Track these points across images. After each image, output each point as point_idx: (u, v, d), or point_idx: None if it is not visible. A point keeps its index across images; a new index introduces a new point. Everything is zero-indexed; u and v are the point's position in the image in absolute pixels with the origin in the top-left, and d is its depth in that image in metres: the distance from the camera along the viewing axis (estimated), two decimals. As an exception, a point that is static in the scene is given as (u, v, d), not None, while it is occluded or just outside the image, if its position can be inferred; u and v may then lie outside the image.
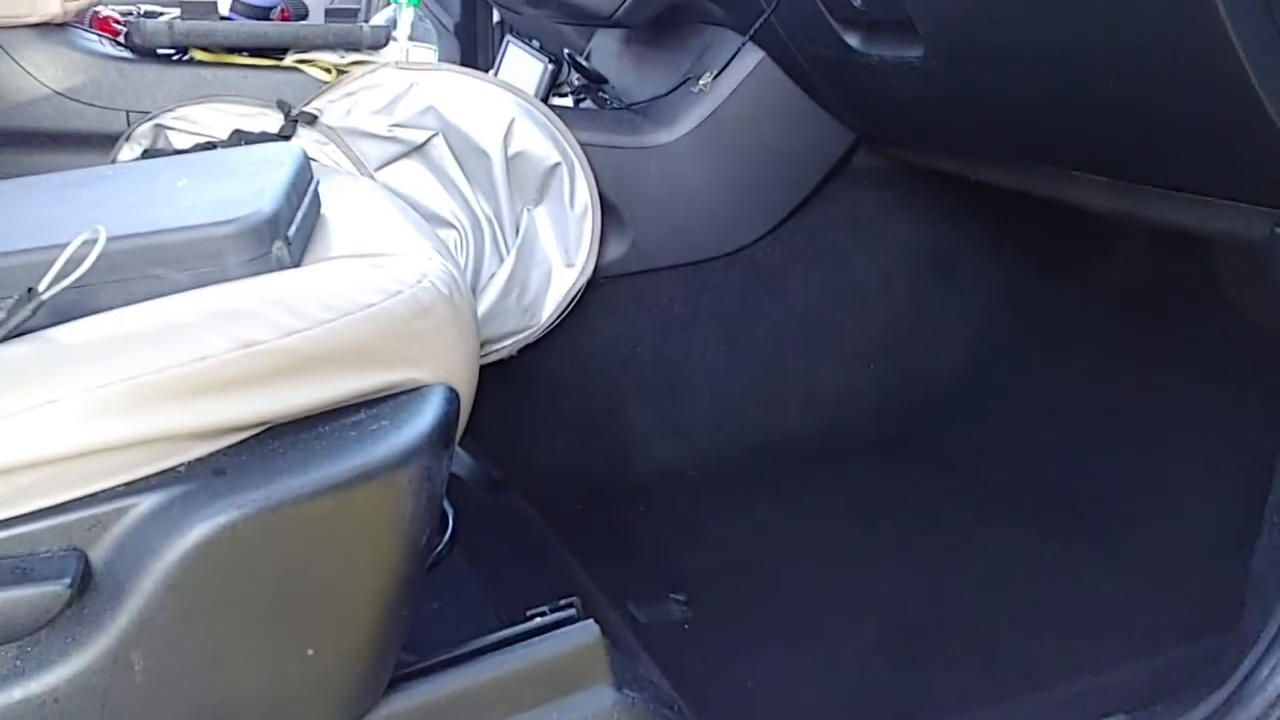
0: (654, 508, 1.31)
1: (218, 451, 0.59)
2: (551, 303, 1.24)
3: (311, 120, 1.16)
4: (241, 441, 0.60)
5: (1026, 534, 1.22)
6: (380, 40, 1.24)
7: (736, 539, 1.25)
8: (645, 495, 1.33)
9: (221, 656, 0.59)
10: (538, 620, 0.81)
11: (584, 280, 1.24)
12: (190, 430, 0.57)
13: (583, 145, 1.23)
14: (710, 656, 1.04)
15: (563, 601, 0.83)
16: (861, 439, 1.41)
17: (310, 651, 0.62)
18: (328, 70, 1.21)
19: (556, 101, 1.41)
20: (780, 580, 1.17)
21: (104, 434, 0.55)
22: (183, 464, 0.58)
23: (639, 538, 1.26)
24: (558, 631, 0.77)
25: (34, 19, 1.14)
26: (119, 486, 0.56)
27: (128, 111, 1.17)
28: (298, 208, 0.70)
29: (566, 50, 1.48)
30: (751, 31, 1.25)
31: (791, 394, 1.43)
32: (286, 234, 0.65)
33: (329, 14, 1.27)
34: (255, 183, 0.68)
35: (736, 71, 1.31)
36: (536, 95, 1.33)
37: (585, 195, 1.23)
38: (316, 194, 0.78)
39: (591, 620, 0.79)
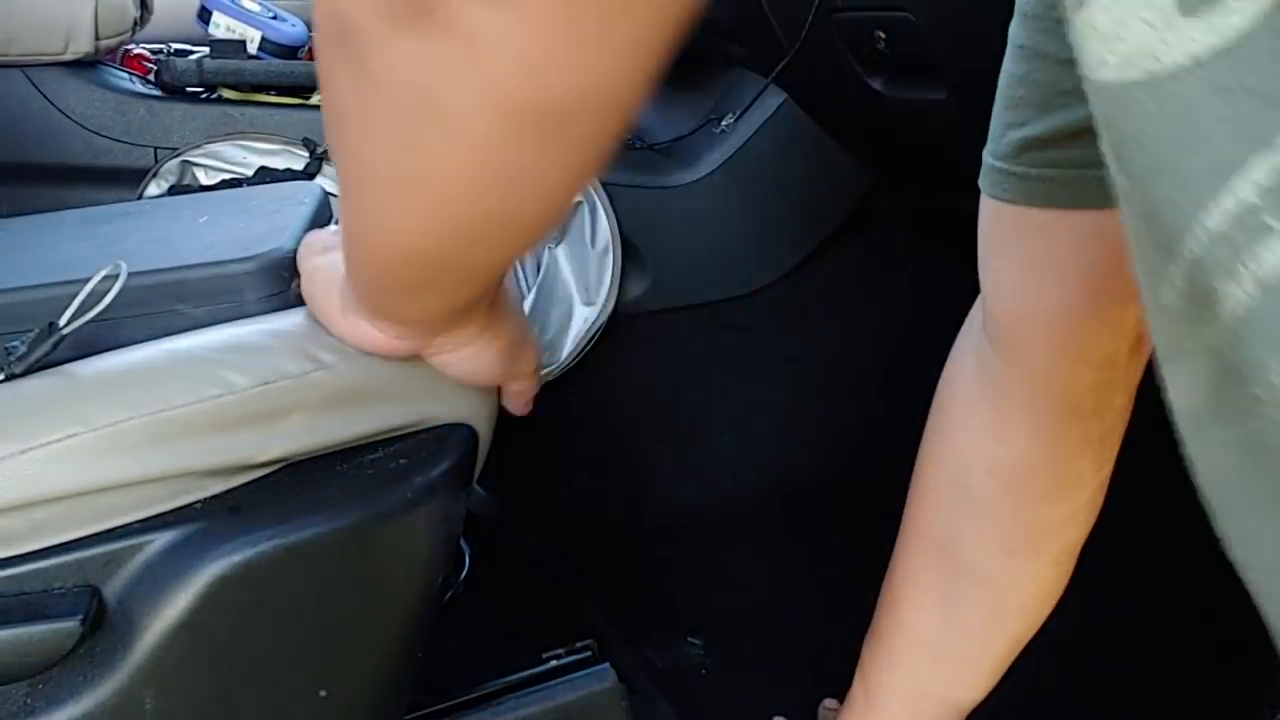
0: (672, 549, 1.30)
1: (234, 488, 0.59)
2: (571, 341, 1.24)
3: (336, 158, 1.16)
4: (258, 479, 0.59)
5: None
6: (405, 79, 1.25)
7: (755, 582, 1.23)
8: (663, 536, 1.32)
9: (233, 697, 0.58)
10: (554, 663, 0.80)
11: (604, 318, 1.24)
12: (209, 467, 0.57)
13: (604, 184, 1.23)
14: (727, 702, 1.03)
15: (579, 644, 0.82)
16: (883, 482, 1.39)
17: (323, 693, 0.61)
18: (353, 109, 1.22)
19: (579, 141, 1.42)
20: (798, 626, 1.16)
21: (122, 470, 0.55)
22: (199, 501, 0.58)
23: (656, 579, 1.25)
24: (574, 675, 0.76)
25: (66, 56, 1.16)
26: (134, 523, 0.56)
27: (155, 148, 1.19)
28: (319, 245, 0.71)
29: (590, 90, 1.49)
30: (774, 73, 1.25)
31: (812, 435, 1.42)
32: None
33: (355, 53, 1.28)
34: (275, 220, 0.68)
35: (759, 112, 1.31)
36: (559, 135, 1.34)
37: (606, 234, 1.23)
38: (338, 231, 0.78)
39: (608, 664, 0.78)
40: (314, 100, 1.23)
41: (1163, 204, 0.25)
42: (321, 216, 0.74)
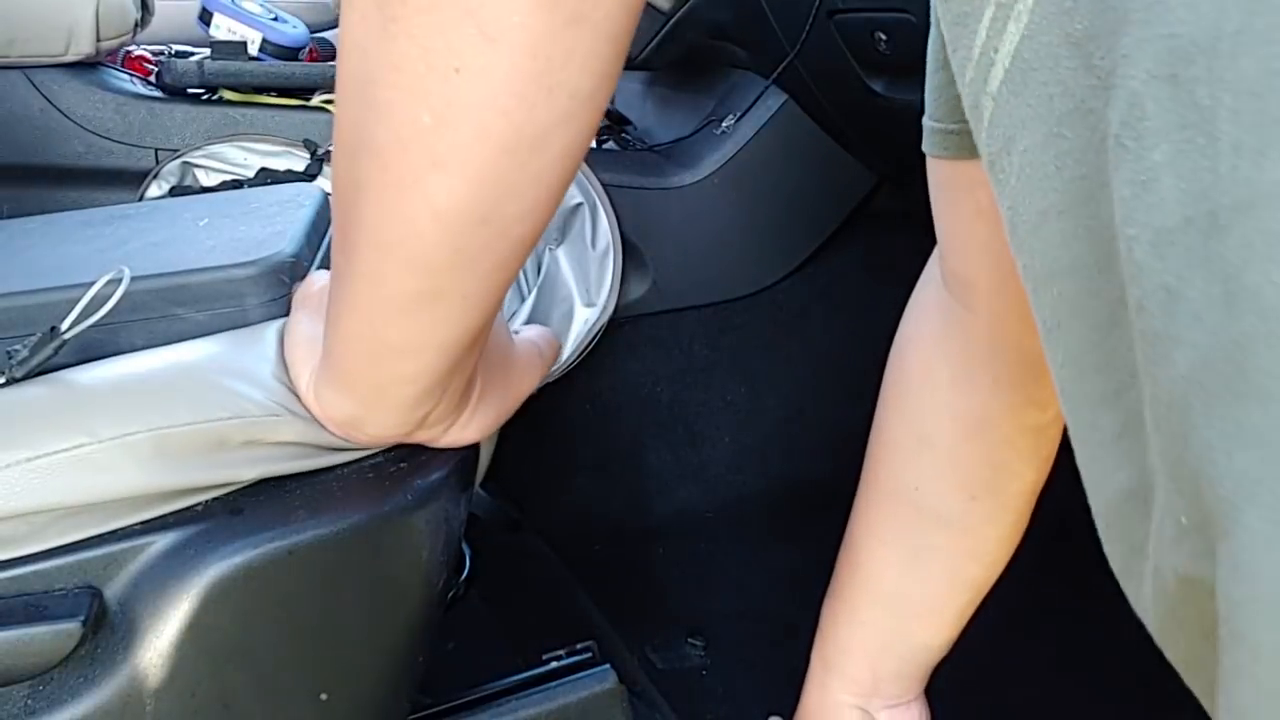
0: (672, 550, 1.30)
1: (235, 490, 0.59)
2: (572, 342, 1.24)
3: (337, 159, 1.17)
4: (260, 481, 0.59)
5: (1047, 579, 1.20)
6: (406, 81, 1.25)
7: (755, 584, 1.23)
8: (664, 537, 1.32)
9: (233, 698, 0.58)
10: (554, 664, 0.80)
11: (604, 320, 1.24)
12: (213, 481, 0.57)
13: (605, 186, 1.23)
14: (728, 704, 1.03)
15: (580, 645, 0.82)
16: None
17: (324, 695, 0.61)
18: (354, 110, 1.22)
19: (580, 142, 1.42)
20: (799, 628, 1.15)
21: (127, 482, 0.55)
22: (200, 503, 0.58)
23: (657, 581, 1.25)
24: (575, 676, 0.76)
25: (67, 58, 1.16)
26: (136, 525, 0.56)
27: (156, 149, 1.19)
28: (318, 248, 0.71)
29: (590, 92, 1.49)
30: (775, 75, 1.25)
31: (812, 437, 1.42)
32: (307, 275, 0.65)
33: (356, 55, 1.28)
34: (276, 223, 0.68)
35: (759, 114, 1.31)
36: (560, 136, 1.34)
37: (607, 235, 1.23)
38: (339, 234, 0.78)
39: (608, 665, 0.78)
40: (315, 102, 1.23)
41: None
42: (322, 219, 0.74)
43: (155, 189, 1.17)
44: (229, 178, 1.16)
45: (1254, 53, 0.23)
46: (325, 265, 0.71)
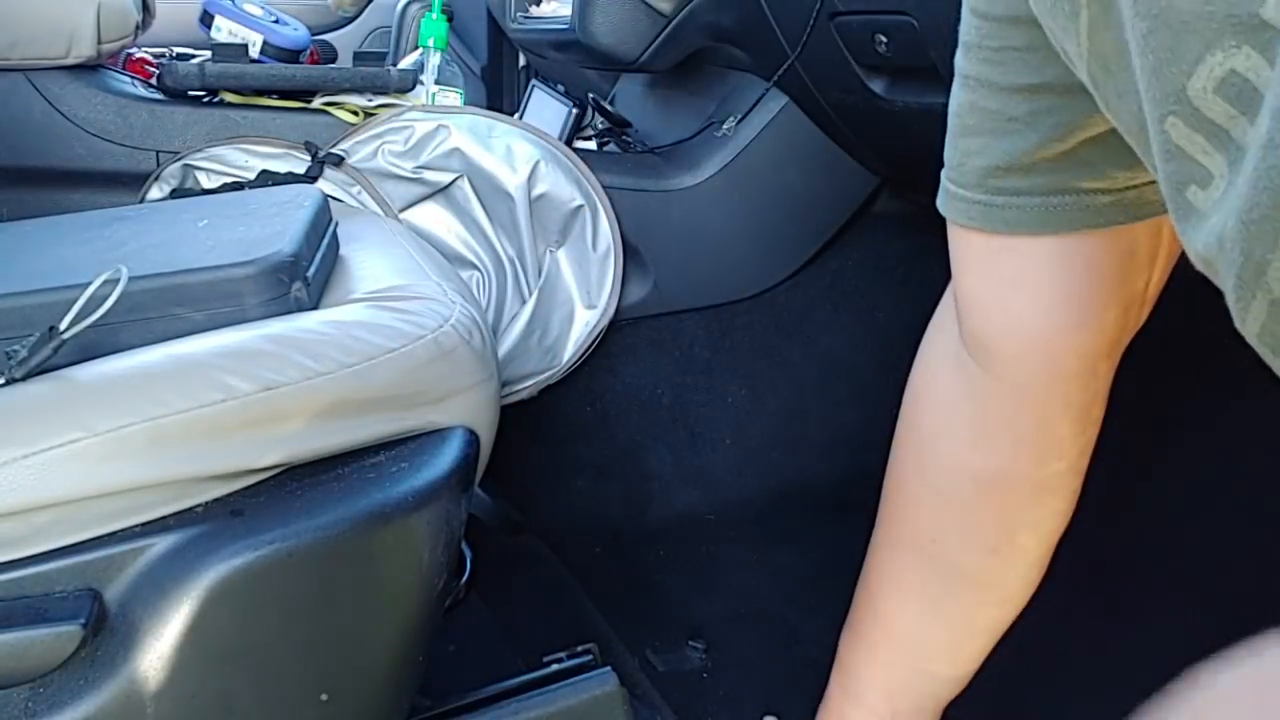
0: (673, 552, 1.30)
1: (235, 492, 0.59)
2: (573, 344, 1.24)
3: (338, 161, 1.17)
4: (259, 482, 0.59)
5: (1048, 583, 1.20)
6: (407, 84, 1.25)
7: (756, 586, 1.23)
8: (664, 539, 1.32)
9: (234, 700, 0.58)
10: (555, 666, 0.80)
11: (605, 322, 1.24)
12: (210, 472, 0.57)
13: (606, 188, 1.23)
14: (729, 706, 1.03)
15: (580, 648, 0.82)
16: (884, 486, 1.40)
17: (324, 696, 0.61)
18: (355, 113, 1.22)
19: (580, 145, 1.42)
20: (800, 630, 1.15)
21: (124, 474, 0.55)
22: (200, 504, 0.58)
23: (658, 583, 1.25)
24: (576, 679, 0.76)
25: (69, 60, 1.16)
26: (136, 526, 0.56)
27: (158, 151, 1.19)
28: (317, 249, 0.71)
29: (591, 94, 1.49)
30: (775, 77, 1.25)
31: (813, 439, 1.42)
32: (306, 275, 0.65)
33: (357, 57, 1.28)
34: (275, 224, 0.69)
35: (760, 116, 1.31)
36: (560, 138, 1.34)
37: (607, 237, 1.23)
38: (335, 235, 0.78)
39: (609, 668, 0.78)
40: (316, 104, 1.23)
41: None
42: (321, 221, 0.74)
43: (156, 191, 1.17)
44: (230, 180, 1.16)
45: None
46: (323, 265, 0.71)
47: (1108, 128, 0.46)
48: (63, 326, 0.56)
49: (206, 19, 1.34)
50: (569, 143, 1.35)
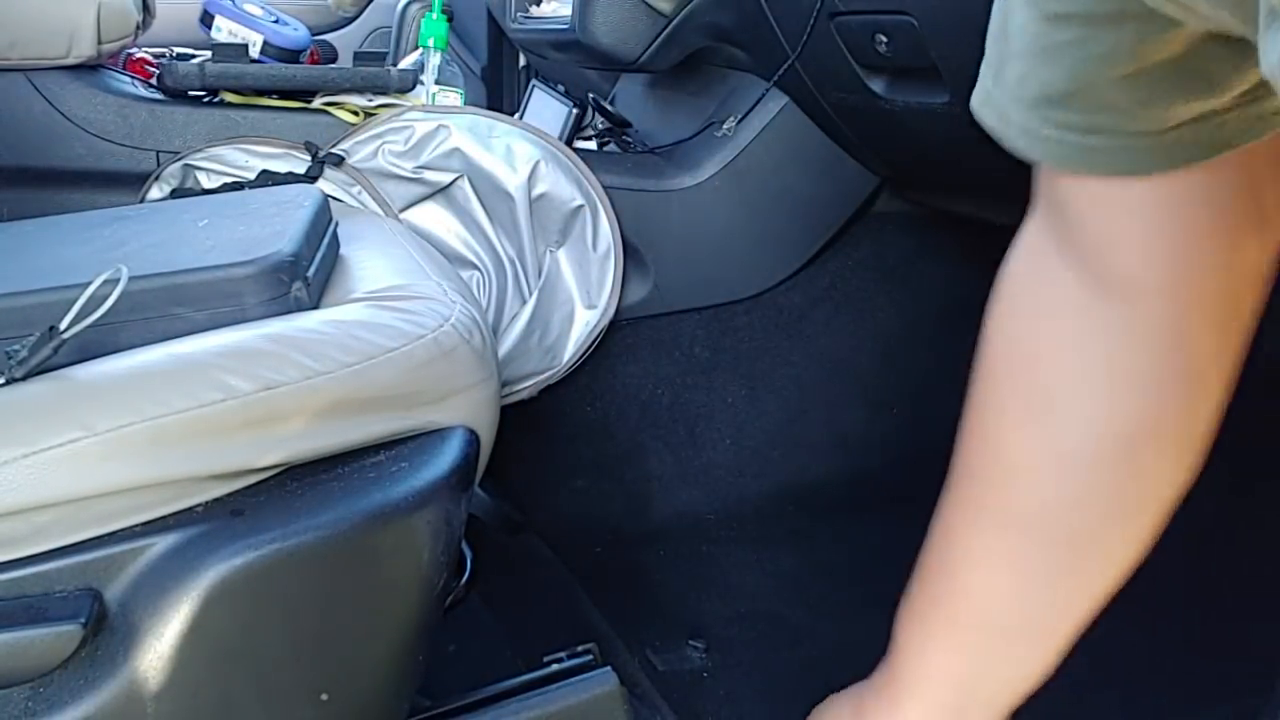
0: (673, 552, 1.30)
1: (235, 492, 0.59)
2: (573, 344, 1.24)
3: (339, 161, 1.17)
4: (260, 482, 0.59)
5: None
6: (407, 84, 1.25)
7: (756, 586, 1.23)
8: (664, 540, 1.32)
9: (234, 699, 0.58)
10: (555, 666, 0.80)
11: (605, 322, 1.24)
12: (210, 472, 0.57)
13: (606, 188, 1.23)
14: (729, 706, 1.03)
15: (581, 648, 0.82)
16: (884, 486, 1.40)
17: (324, 696, 0.61)
18: (355, 113, 1.22)
19: (580, 145, 1.42)
20: (800, 630, 1.15)
21: (124, 474, 0.55)
22: (200, 504, 0.58)
23: (658, 583, 1.25)
24: (576, 679, 0.76)
25: (69, 60, 1.16)
26: (136, 526, 0.56)
27: (158, 151, 1.19)
28: (317, 249, 0.71)
29: (591, 94, 1.49)
30: (776, 77, 1.25)
31: (813, 439, 1.42)
32: (306, 275, 0.65)
33: (357, 57, 1.29)
34: (275, 224, 0.69)
35: (760, 116, 1.31)
36: (560, 138, 1.34)
37: (608, 237, 1.23)
38: (335, 235, 0.78)
39: (609, 668, 0.78)
40: (316, 104, 1.23)
41: None
42: (321, 220, 0.74)
43: (156, 191, 1.17)
44: (230, 180, 1.16)
45: None
46: (323, 265, 0.71)
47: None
48: (63, 326, 0.56)
49: (206, 19, 1.34)
50: (569, 143, 1.35)
